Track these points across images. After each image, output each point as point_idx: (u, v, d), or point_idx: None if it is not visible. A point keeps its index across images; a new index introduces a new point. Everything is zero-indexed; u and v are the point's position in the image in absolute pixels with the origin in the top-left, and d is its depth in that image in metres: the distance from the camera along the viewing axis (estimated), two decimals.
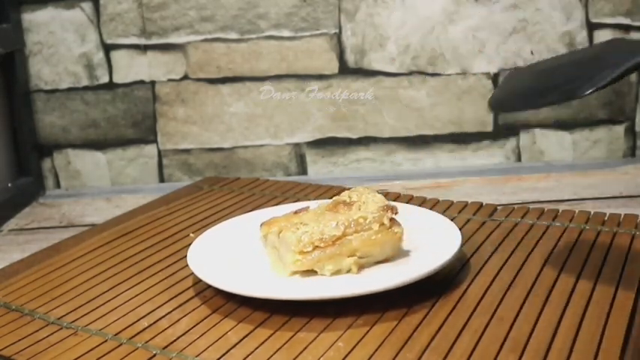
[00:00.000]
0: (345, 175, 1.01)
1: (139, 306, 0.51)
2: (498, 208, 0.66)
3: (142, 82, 1.00)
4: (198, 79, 1.00)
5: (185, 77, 1.00)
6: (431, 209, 0.64)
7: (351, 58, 0.99)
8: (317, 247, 0.50)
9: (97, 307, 0.51)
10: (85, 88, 1.01)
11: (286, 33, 0.98)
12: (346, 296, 0.47)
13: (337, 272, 0.51)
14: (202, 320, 0.48)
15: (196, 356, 0.43)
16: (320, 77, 0.99)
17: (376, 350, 0.42)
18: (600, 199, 0.79)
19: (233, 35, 0.99)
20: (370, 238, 0.51)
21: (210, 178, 0.88)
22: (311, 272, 0.51)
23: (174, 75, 1.00)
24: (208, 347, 0.44)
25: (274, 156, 1.02)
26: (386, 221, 0.52)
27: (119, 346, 0.45)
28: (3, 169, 0.94)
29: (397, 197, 0.71)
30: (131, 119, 1.01)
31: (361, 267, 0.52)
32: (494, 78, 0.99)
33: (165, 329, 0.47)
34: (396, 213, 0.53)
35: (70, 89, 1.01)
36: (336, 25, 0.98)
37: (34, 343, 0.47)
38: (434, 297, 0.49)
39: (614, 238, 0.57)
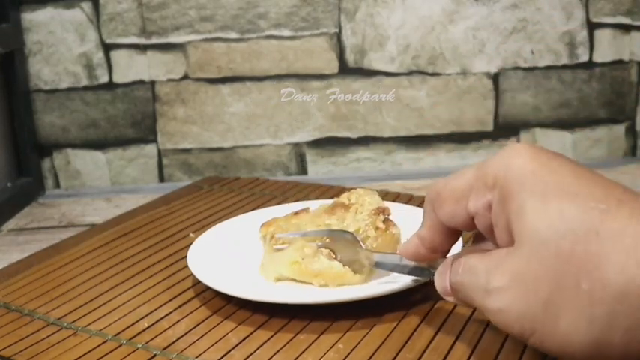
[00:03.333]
0: (345, 175, 1.01)
1: (139, 306, 0.51)
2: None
3: (141, 81, 1.00)
4: (198, 79, 1.00)
5: (185, 77, 1.00)
6: None
7: (351, 58, 0.99)
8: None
9: (97, 308, 0.51)
10: (85, 88, 1.01)
11: (286, 33, 0.98)
12: (345, 300, 0.47)
13: None
14: (202, 321, 0.48)
15: (196, 357, 0.43)
16: (320, 77, 0.99)
17: (376, 351, 0.42)
18: None
19: (233, 35, 0.99)
20: (372, 246, 0.51)
21: (210, 178, 0.88)
22: None
23: (174, 75, 1.00)
24: (208, 348, 0.44)
25: (274, 156, 1.02)
26: (380, 224, 0.52)
27: (119, 346, 0.45)
28: (2, 169, 0.94)
29: (397, 197, 0.71)
30: (131, 119, 1.01)
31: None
32: (495, 78, 0.99)
33: (166, 330, 0.47)
34: (388, 214, 0.53)
35: (69, 89, 1.01)
36: (336, 25, 0.98)
37: (34, 343, 0.47)
38: (434, 298, 0.49)
39: None
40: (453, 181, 0.36)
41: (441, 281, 0.37)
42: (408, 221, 0.55)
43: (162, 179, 1.03)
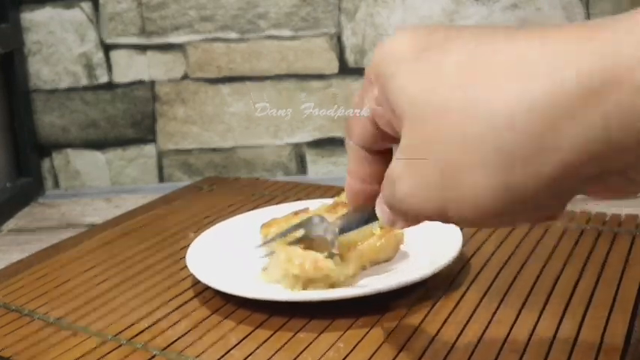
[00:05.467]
0: (345, 175, 1.00)
1: (138, 307, 0.51)
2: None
3: (141, 81, 1.00)
4: (198, 79, 1.00)
5: (185, 77, 1.00)
6: None
7: (351, 58, 0.99)
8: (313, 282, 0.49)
9: (97, 308, 0.51)
10: (85, 88, 1.01)
11: (286, 33, 0.98)
12: (346, 297, 0.47)
13: None
14: (202, 321, 0.48)
15: (196, 357, 0.43)
16: (320, 77, 0.99)
17: (376, 351, 0.42)
18: None
19: (233, 35, 0.98)
20: (375, 245, 0.51)
21: (210, 178, 0.88)
22: None
23: (173, 75, 1.00)
24: (208, 348, 0.44)
25: (274, 156, 1.02)
26: None
27: (119, 346, 0.45)
28: (2, 169, 0.94)
29: None
30: (131, 119, 1.01)
31: (364, 268, 0.52)
32: None
33: (165, 330, 0.47)
34: None
35: (69, 89, 1.01)
36: (336, 25, 0.98)
37: (34, 343, 0.47)
38: (434, 298, 0.49)
39: (615, 238, 0.56)
40: (355, 98, 0.33)
41: (381, 210, 0.33)
42: None
43: (162, 179, 1.03)
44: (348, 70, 0.99)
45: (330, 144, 1.01)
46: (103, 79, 1.00)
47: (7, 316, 0.51)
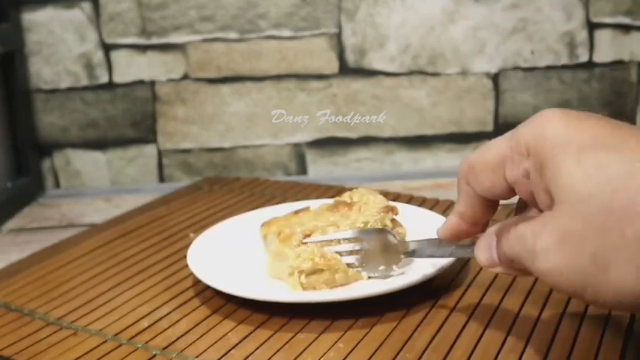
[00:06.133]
0: (345, 174, 1.01)
1: (138, 306, 0.51)
2: (499, 207, 0.66)
3: (141, 81, 1.00)
4: (198, 79, 1.00)
5: (185, 77, 1.00)
6: (431, 209, 0.63)
7: (351, 58, 0.99)
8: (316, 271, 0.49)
9: (97, 308, 0.51)
10: (85, 88, 1.01)
11: (286, 33, 0.98)
12: (346, 299, 0.47)
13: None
14: (202, 321, 0.48)
15: (196, 357, 0.43)
16: (320, 77, 0.99)
17: (376, 351, 0.42)
18: None
19: (233, 35, 0.98)
20: None
21: (210, 178, 0.88)
22: None
23: (173, 75, 1.00)
24: (208, 348, 0.44)
25: (274, 156, 1.02)
26: (388, 222, 0.52)
27: (119, 346, 0.45)
28: (2, 169, 0.94)
29: (397, 197, 0.71)
30: (131, 119, 1.01)
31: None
32: (495, 78, 0.99)
33: (165, 330, 0.47)
34: (396, 214, 0.53)
35: (69, 89, 1.01)
36: (336, 25, 0.98)
37: (34, 343, 0.47)
38: (434, 297, 0.49)
39: None
40: (486, 152, 0.36)
41: (486, 253, 0.37)
42: (410, 221, 0.55)
43: (162, 179, 1.03)
44: (348, 70, 0.99)
45: (330, 144, 1.01)
46: (103, 79, 1.00)
47: (7, 316, 0.51)
